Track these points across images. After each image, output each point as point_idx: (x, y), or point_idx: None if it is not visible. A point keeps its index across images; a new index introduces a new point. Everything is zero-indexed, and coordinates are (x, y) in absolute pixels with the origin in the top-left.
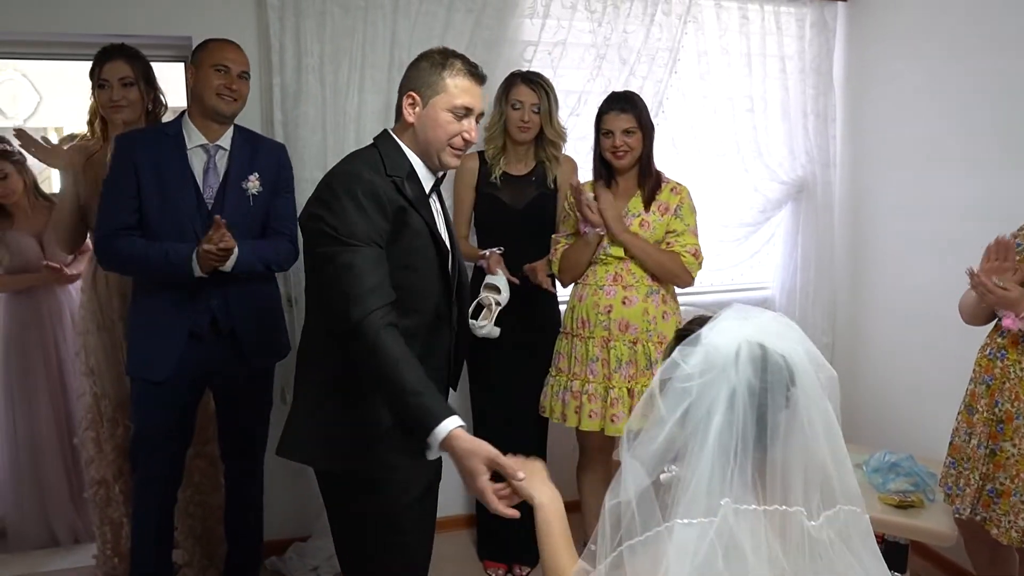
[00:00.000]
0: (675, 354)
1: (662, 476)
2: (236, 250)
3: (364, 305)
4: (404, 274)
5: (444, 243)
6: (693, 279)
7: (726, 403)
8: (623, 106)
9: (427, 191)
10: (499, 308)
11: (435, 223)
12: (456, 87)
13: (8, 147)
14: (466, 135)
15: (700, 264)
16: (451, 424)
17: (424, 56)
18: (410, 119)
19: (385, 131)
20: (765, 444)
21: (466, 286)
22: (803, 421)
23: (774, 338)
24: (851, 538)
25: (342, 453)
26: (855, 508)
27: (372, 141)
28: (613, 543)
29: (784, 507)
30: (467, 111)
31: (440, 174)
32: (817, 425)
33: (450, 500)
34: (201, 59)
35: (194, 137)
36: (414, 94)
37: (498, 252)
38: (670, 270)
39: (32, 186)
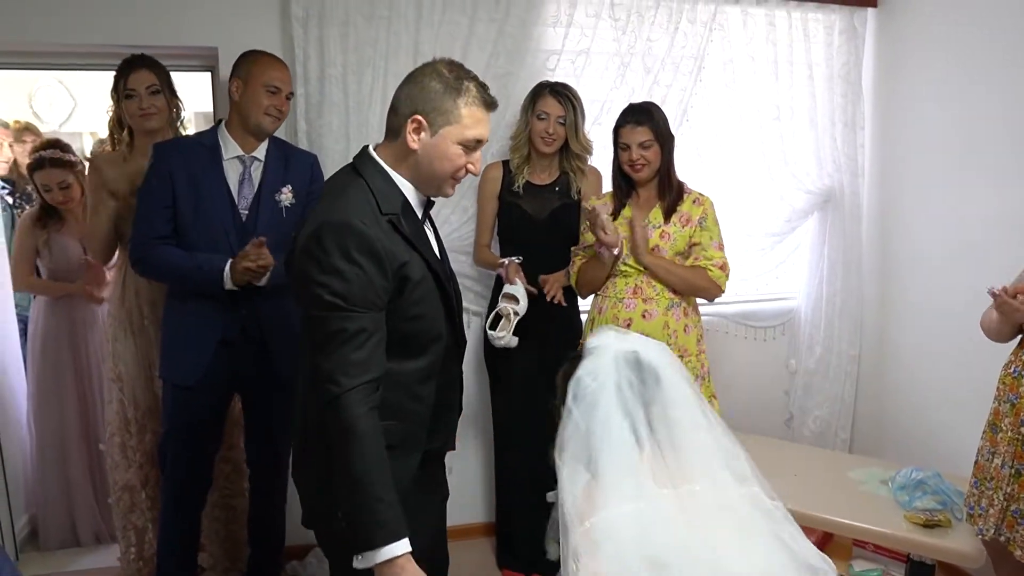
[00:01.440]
0: (579, 369)
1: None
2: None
3: (348, 379)
4: (412, 324)
5: (445, 281)
6: (723, 291)
7: (615, 394)
8: (639, 119)
9: (420, 218)
10: (517, 318)
11: (434, 258)
12: (471, 118)
13: (72, 157)
14: (470, 167)
15: (728, 276)
16: (401, 548)
17: (431, 73)
18: (414, 146)
19: (366, 153)
20: (663, 419)
21: (459, 297)
22: (680, 398)
23: (643, 348)
24: (773, 512)
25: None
26: (760, 491)
27: (353, 164)
28: (571, 540)
29: (697, 487)
30: (478, 143)
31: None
32: (693, 402)
33: (469, 508)
34: (251, 75)
35: (230, 148)
36: (420, 118)
37: (516, 261)
38: (697, 286)
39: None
